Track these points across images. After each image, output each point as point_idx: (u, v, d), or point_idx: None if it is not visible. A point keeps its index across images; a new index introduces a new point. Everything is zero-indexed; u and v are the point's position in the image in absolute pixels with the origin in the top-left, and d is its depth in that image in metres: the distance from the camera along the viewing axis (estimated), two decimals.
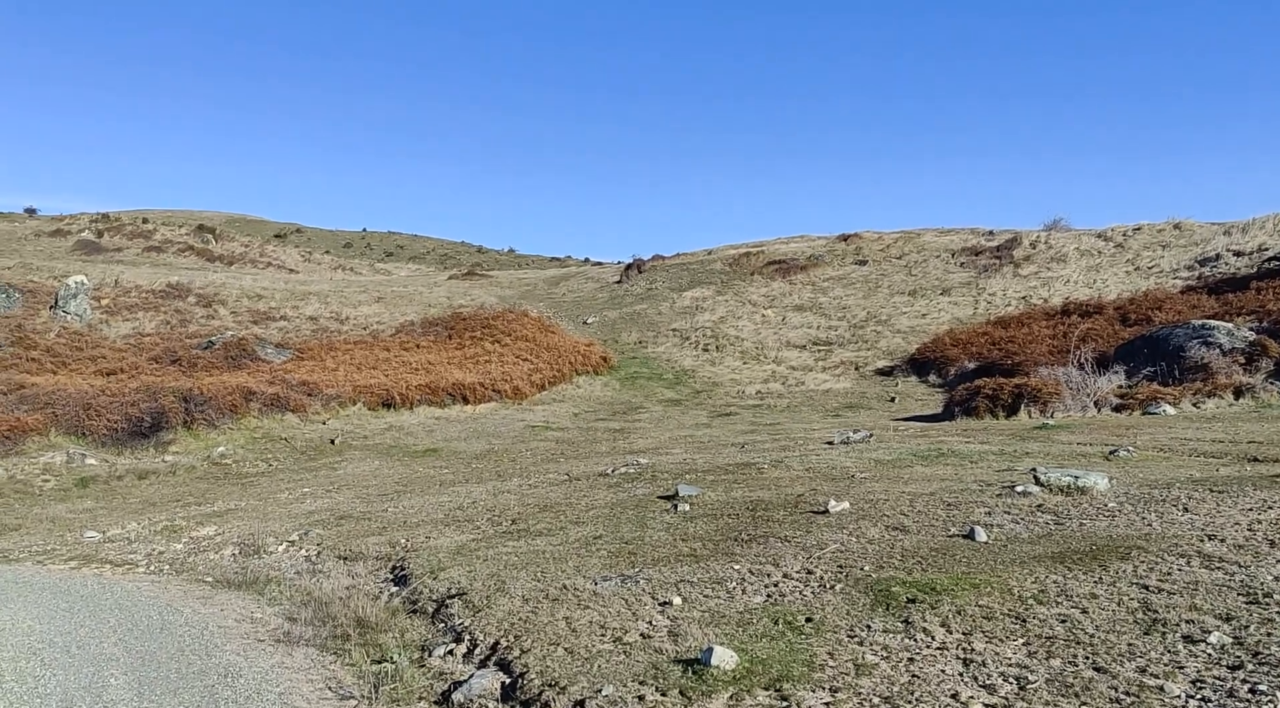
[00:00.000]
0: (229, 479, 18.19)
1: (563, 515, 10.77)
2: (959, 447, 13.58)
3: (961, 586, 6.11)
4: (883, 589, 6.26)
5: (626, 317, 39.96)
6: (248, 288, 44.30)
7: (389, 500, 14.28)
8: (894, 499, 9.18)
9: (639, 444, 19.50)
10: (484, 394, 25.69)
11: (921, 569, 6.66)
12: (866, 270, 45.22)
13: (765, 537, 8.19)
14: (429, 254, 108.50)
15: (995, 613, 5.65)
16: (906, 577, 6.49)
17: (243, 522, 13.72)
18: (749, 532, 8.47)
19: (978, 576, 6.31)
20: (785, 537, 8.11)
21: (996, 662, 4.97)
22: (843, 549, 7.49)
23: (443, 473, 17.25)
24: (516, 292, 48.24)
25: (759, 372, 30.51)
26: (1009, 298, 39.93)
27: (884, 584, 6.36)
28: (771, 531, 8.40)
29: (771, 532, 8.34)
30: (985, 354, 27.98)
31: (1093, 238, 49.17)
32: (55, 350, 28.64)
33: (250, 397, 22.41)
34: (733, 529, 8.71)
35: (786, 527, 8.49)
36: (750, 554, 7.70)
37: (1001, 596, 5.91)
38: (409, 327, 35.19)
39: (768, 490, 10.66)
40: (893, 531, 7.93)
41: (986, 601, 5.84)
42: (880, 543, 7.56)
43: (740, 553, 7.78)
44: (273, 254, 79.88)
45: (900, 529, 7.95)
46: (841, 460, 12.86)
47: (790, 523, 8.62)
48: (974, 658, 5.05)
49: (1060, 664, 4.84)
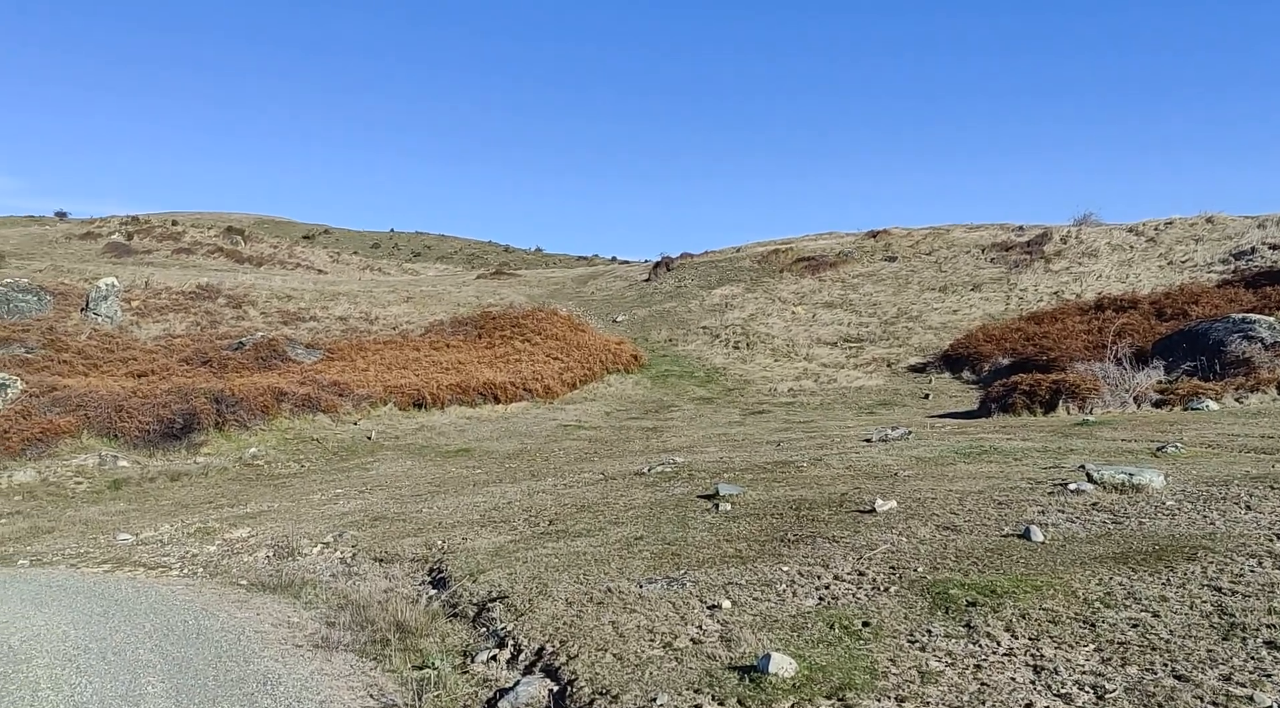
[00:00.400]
0: (261, 480, 18.16)
1: (601, 516, 10.60)
2: (1001, 444, 13.29)
3: (1023, 588, 5.88)
4: (940, 592, 6.04)
5: (656, 315, 39.75)
6: (277, 289, 44.47)
7: (423, 501, 14.18)
8: (942, 498, 8.94)
9: (673, 443, 19.31)
10: (515, 393, 25.58)
11: (979, 571, 6.43)
12: (896, 267, 44.78)
13: (812, 537, 7.98)
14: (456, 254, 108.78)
15: (1061, 617, 5.42)
16: (964, 579, 6.26)
17: (276, 524, 13.66)
18: (795, 532, 8.26)
19: (1038, 577, 6.08)
20: (833, 537, 7.89)
21: (1069, 669, 4.74)
22: (894, 550, 7.26)
23: (476, 473, 17.14)
24: (545, 290, 48.16)
25: (790, 369, 30.23)
26: (1041, 293, 39.42)
27: (941, 586, 6.14)
28: (818, 530, 8.19)
29: (818, 532, 8.13)
30: (1019, 350, 27.57)
31: (1124, 232, 48.53)
32: (87, 352, 28.81)
33: (281, 397, 22.40)
34: (778, 529, 8.50)
35: (833, 527, 8.27)
36: (798, 555, 7.49)
37: (1066, 598, 5.68)
38: (438, 326, 35.16)
39: (810, 489, 10.44)
40: (944, 530, 7.69)
41: (1051, 604, 5.60)
42: (932, 543, 7.33)
43: (788, 554, 7.57)
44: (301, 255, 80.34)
45: (952, 529, 7.71)
46: (882, 458, 12.62)
47: (837, 523, 8.40)
48: (1045, 665, 4.82)
49: (1137, 673, 4.61)
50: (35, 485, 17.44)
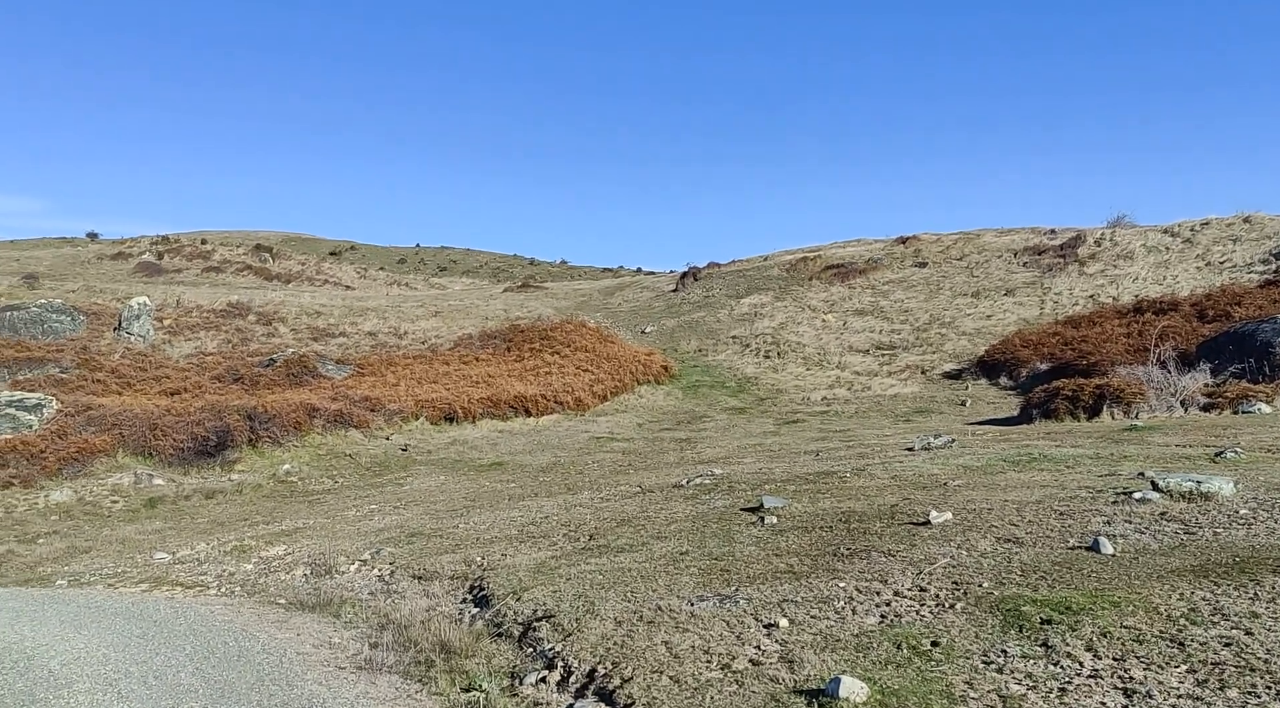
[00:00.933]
0: (295, 497, 18.07)
1: (643, 530, 10.37)
2: (1050, 451, 12.94)
3: (1100, 604, 5.59)
4: (1011, 609, 5.75)
5: (685, 325, 39.52)
6: (306, 305, 44.64)
7: (458, 516, 14.00)
8: (999, 509, 8.63)
9: (708, 454, 19.06)
10: (546, 406, 25.42)
11: (1049, 586, 6.14)
12: (927, 272, 44.33)
13: (866, 551, 7.71)
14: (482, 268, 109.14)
15: (1146, 635, 5.13)
16: (1034, 594, 5.97)
17: (312, 541, 13.52)
18: (847, 546, 7.99)
19: (1115, 592, 5.78)
20: (888, 551, 7.62)
21: (1163, 693, 4.46)
22: (955, 564, 6.98)
23: (510, 487, 16.96)
24: (572, 302, 48.06)
25: (823, 378, 29.90)
26: (1076, 297, 38.86)
27: (1011, 603, 5.86)
28: (872, 544, 7.91)
29: (872, 545, 7.86)
30: (1058, 355, 27.11)
31: (1159, 234, 47.86)
32: (120, 371, 28.95)
33: (314, 413, 22.36)
34: (829, 543, 8.24)
35: (887, 540, 8.00)
36: (854, 570, 7.22)
37: (1148, 615, 5.38)
38: (467, 340, 35.11)
39: (857, 501, 10.16)
40: (1005, 543, 7.40)
41: (1133, 621, 5.31)
42: (995, 556, 7.04)
43: (843, 569, 7.31)
44: (329, 271, 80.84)
45: (1013, 541, 7.42)
46: (928, 467, 12.30)
47: (891, 536, 8.12)
48: (1136, 688, 4.54)
49: (1239, 696, 4.32)
50: (72, 505, 17.44)
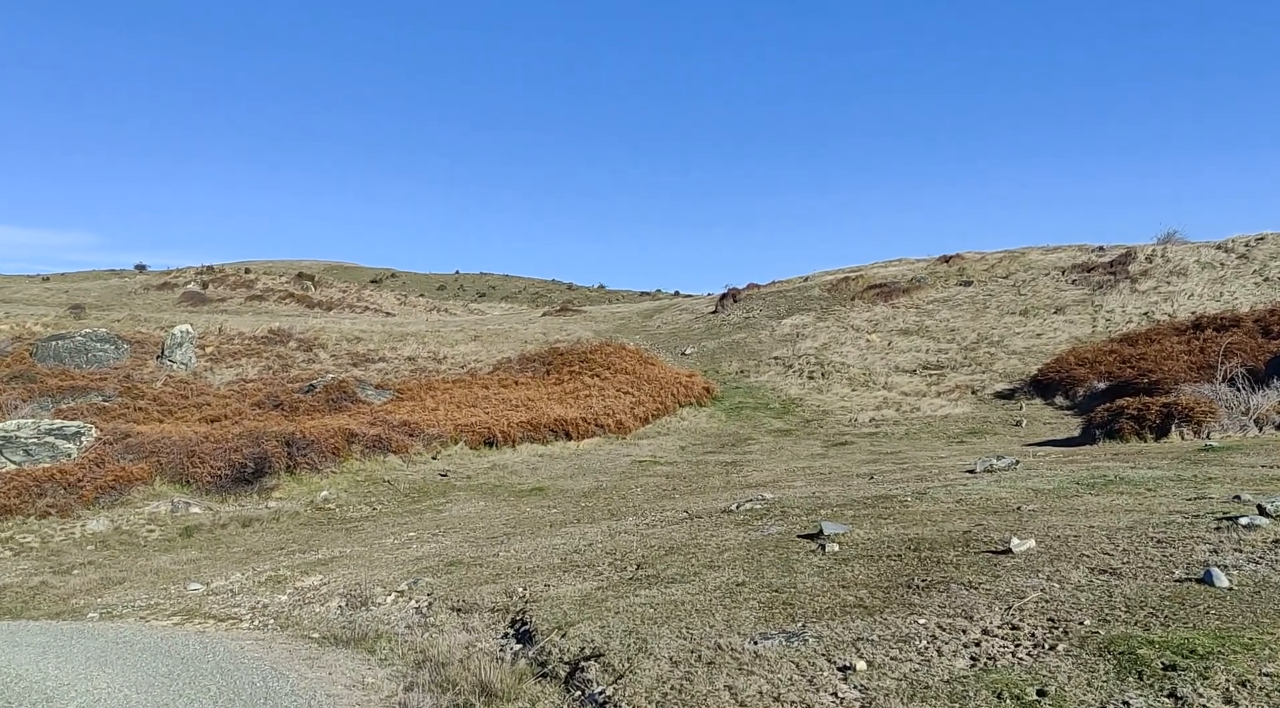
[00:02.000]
0: (333, 525, 17.64)
1: (693, 559, 9.75)
2: (1125, 473, 12.17)
3: (1229, 647, 4.91)
4: (1124, 652, 5.08)
5: (725, 346, 38.87)
6: (346, 331, 44.58)
7: (499, 544, 13.46)
8: (1085, 536, 7.92)
9: (754, 477, 18.39)
10: (587, 429, 24.87)
11: (1162, 625, 5.46)
12: (972, 291, 43.37)
13: (944, 583, 7.04)
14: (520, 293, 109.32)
15: None
16: (1147, 634, 5.29)
17: (348, 570, 13.05)
18: (922, 577, 7.33)
19: (1244, 633, 5.09)
20: (969, 583, 6.95)
21: None
22: (1047, 598, 6.30)
23: (551, 513, 16.40)
24: (610, 325, 47.61)
25: (869, 398, 29.09)
26: (1129, 314, 37.77)
27: (1122, 644, 5.18)
28: (949, 575, 7.25)
29: (950, 576, 7.19)
30: (1116, 373, 26.14)
31: (1212, 250, 46.66)
32: (161, 399, 28.86)
33: (352, 439, 21.99)
34: (900, 573, 7.58)
35: (965, 570, 7.32)
36: (933, 605, 6.57)
37: None
38: (506, 363, 34.72)
39: (923, 527, 9.48)
40: (1101, 574, 6.71)
41: (1274, 668, 4.63)
42: (1092, 590, 6.35)
43: (920, 603, 6.65)
44: (369, 298, 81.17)
45: (1110, 572, 6.72)
46: (994, 491, 11.58)
47: (969, 566, 7.45)
48: None
49: None
50: (108, 534, 17.13)
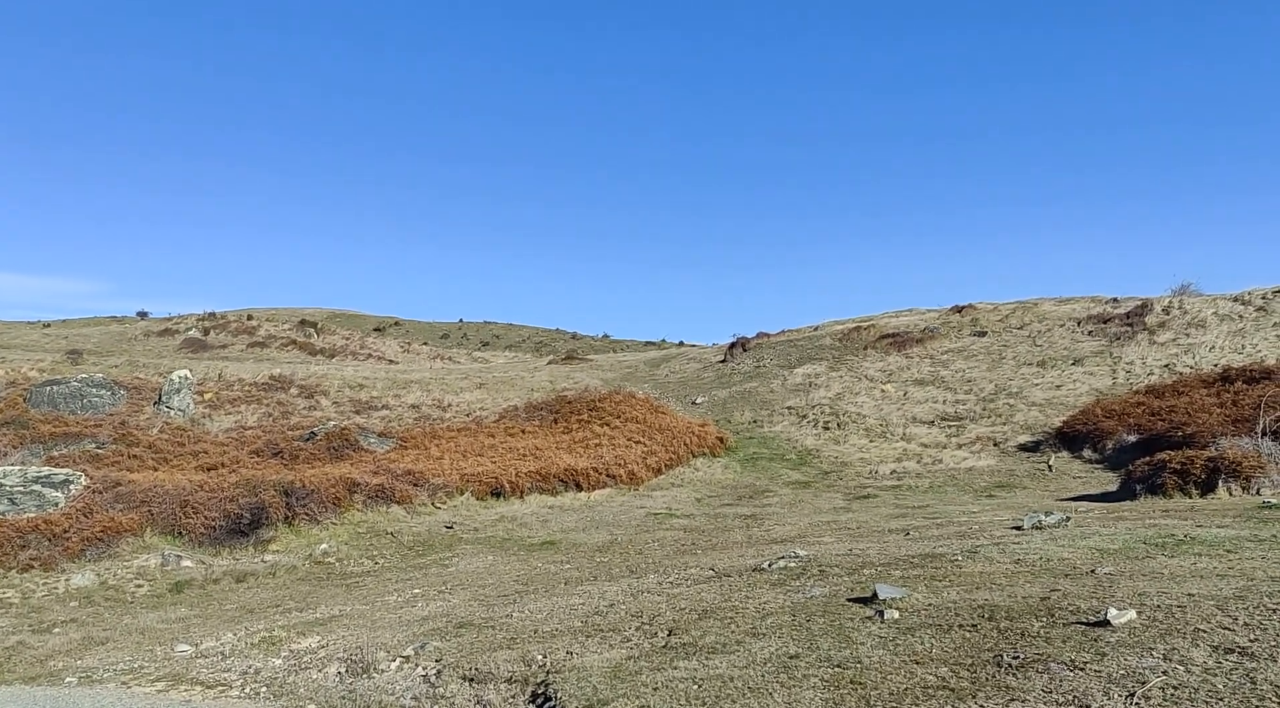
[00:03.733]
0: (332, 580, 16.64)
1: (732, 625, 8.80)
2: (1191, 532, 11.24)
3: None
4: None
5: (737, 396, 37.98)
6: (349, 378, 43.77)
7: (511, 603, 12.49)
8: (1189, 606, 7.00)
9: (778, 532, 17.42)
10: (598, 480, 23.92)
11: None
12: (987, 342, 42.61)
13: (1041, 661, 6.11)
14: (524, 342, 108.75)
15: None
16: None
17: (349, 631, 12.07)
18: (1012, 653, 6.39)
19: None
20: (1071, 662, 6.01)
21: None
22: (1174, 683, 5.38)
23: (565, 569, 15.42)
24: (618, 374, 46.77)
25: (889, 450, 28.14)
26: (1150, 366, 36.98)
27: None
28: (1044, 651, 6.31)
29: (1046, 653, 6.26)
30: (1146, 426, 25.21)
31: (1229, 302, 46.15)
32: (157, 446, 27.94)
33: (354, 488, 21.04)
34: (981, 648, 6.64)
35: (1062, 646, 6.39)
36: (1034, 688, 5.63)
37: None
38: (512, 412, 33.82)
39: (991, 591, 8.54)
40: (1228, 654, 5.78)
41: None
42: (1225, 674, 5.43)
43: (1018, 686, 5.72)
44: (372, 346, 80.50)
45: (1240, 652, 5.80)
46: (1054, 550, 10.64)
47: (1063, 641, 6.51)
48: None
49: None
50: (93, 589, 16.13)
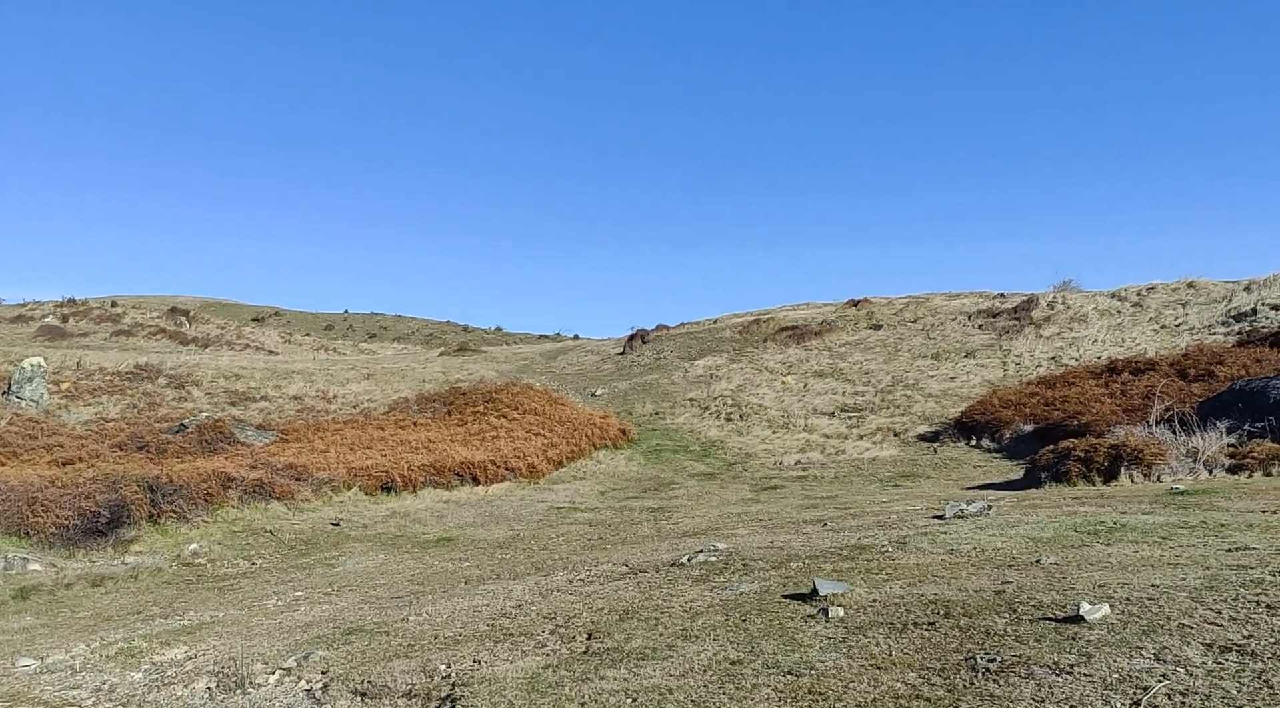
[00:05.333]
0: (203, 583, 15.20)
1: (659, 626, 7.97)
2: (1120, 519, 10.93)
3: None
4: None
5: (638, 387, 37.28)
6: (224, 368, 41.43)
7: (407, 605, 11.40)
8: (1161, 598, 6.47)
9: (687, 525, 16.71)
10: (496, 473, 22.81)
11: None
12: (883, 335, 43.00)
13: (1021, 664, 5.45)
14: (414, 334, 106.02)
15: None
16: None
17: (221, 640, 10.79)
18: (983, 655, 5.72)
19: None
20: (1055, 664, 5.37)
21: None
22: (1181, 689, 4.76)
23: (464, 567, 14.37)
24: (514, 366, 45.55)
25: (792, 441, 27.82)
26: (1038, 358, 37.87)
27: None
28: (1021, 653, 5.66)
29: (1023, 655, 5.60)
30: (1042, 415, 25.48)
31: (1107, 298, 47.89)
32: (5, 439, 25.60)
33: (229, 483, 19.47)
34: (946, 649, 5.96)
35: (1038, 646, 5.75)
36: (1023, 697, 4.95)
37: None
38: (403, 403, 32.35)
39: (935, 585, 7.93)
40: (1226, 653, 5.22)
41: None
42: (1235, 678, 4.85)
43: (1003, 694, 5.03)
44: (250, 336, 77.12)
45: (1238, 650, 5.24)
46: (986, 540, 10.15)
47: (1038, 639, 5.88)
48: None
49: None
50: None
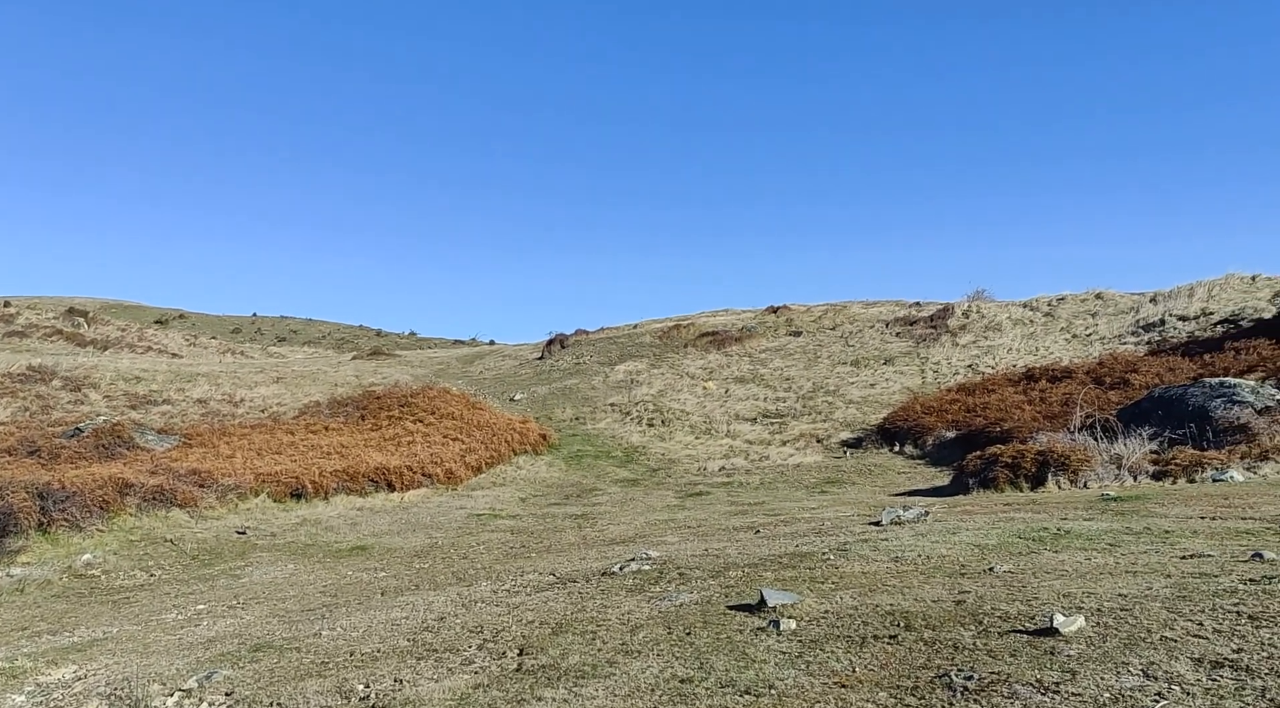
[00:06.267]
0: (96, 596, 14.13)
1: (597, 640, 7.44)
2: (1061, 526, 10.77)
3: None
4: None
5: (558, 392, 36.63)
6: (124, 370, 39.52)
7: (319, 619, 10.65)
8: (1135, 609, 6.17)
9: (613, 532, 16.20)
10: (412, 479, 21.96)
11: None
12: (803, 341, 43.13)
13: (1002, 682, 5.06)
14: (325, 338, 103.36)
15: None
16: None
17: (114, 658, 9.91)
18: (957, 673, 5.33)
19: None
20: (1037, 683, 4.99)
21: None
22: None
23: (380, 577, 13.62)
24: (429, 370, 44.45)
25: (715, 447, 27.52)
26: (955, 366, 38.38)
27: None
28: (997, 669, 5.28)
29: (1001, 672, 5.22)
30: (964, 422, 25.65)
31: (1019, 308, 48.91)
32: None
33: (127, 490, 18.29)
34: (912, 665, 5.56)
35: (1011, 661, 5.38)
36: None
37: None
38: (314, 407, 31.15)
39: (890, 595, 7.56)
40: (1219, 669, 4.91)
41: None
42: (1237, 696, 4.53)
43: None
44: (153, 338, 74.16)
45: (1230, 666, 4.93)
46: (931, 547, 9.87)
47: (1010, 654, 5.51)
48: None
49: None
50: None
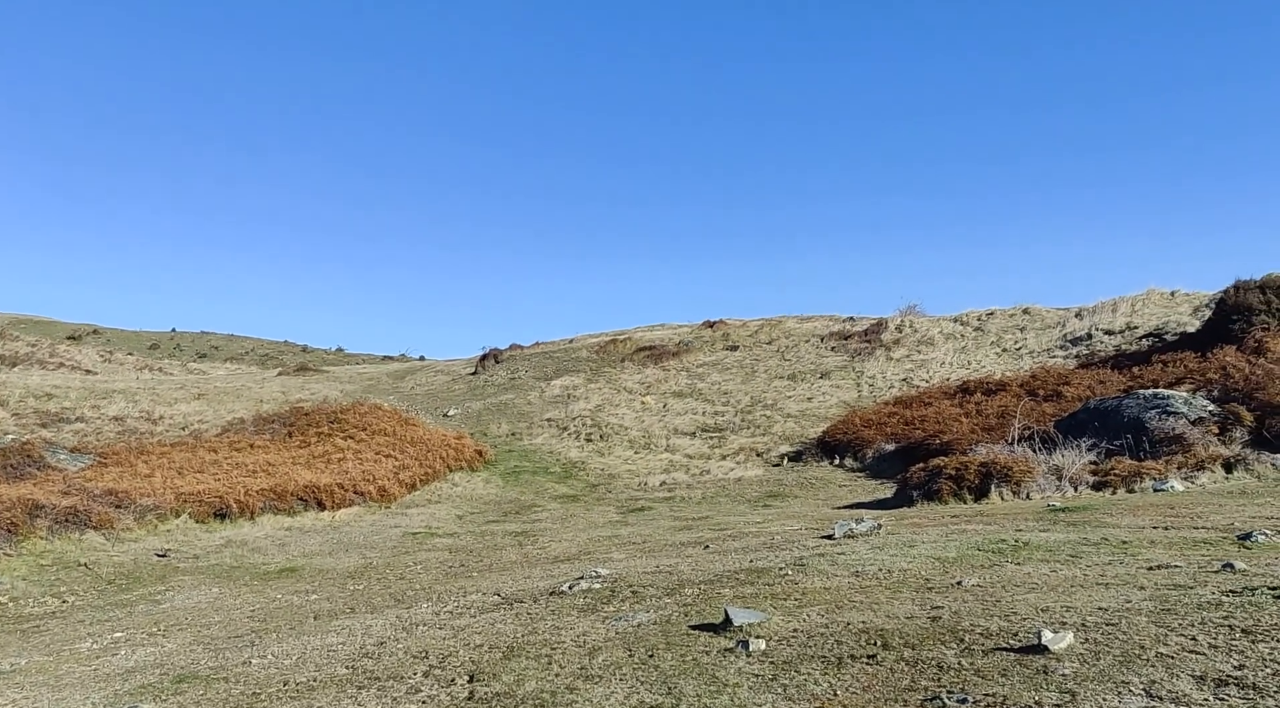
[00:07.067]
0: (3, 625, 13.20)
1: (553, 665, 7.00)
2: (1018, 537, 10.63)
3: None
4: None
5: (493, 408, 35.94)
6: (34, 387, 37.82)
7: (248, 646, 10.00)
8: (1122, 623, 5.94)
9: (555, 549, 15.73)
10: (344, 497, 21.18)
11: None
12: (739, 356, 43.11)
13: (994, 706, 4.76)
14: (248, 354, 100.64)
15: None
16: None
17: (22, 693, 9.17)
18: (949, 695, 5.02)
19: None
20: (1033, 706, 4.71)
21: None
22: None
23: (312, 600, 12.95)
24: (359, 386, 43.38)
25: (655, 462, 27.18)
26: (890, 380, 38.66)
27: None
28: (991, 691, 4.98)
29: (997, 695, 4.93)
30: (903, 434, 25.69)
31: (951, 323, 49.54)
32: None
33: (37, 512, 17.27)
34: (898, 687, 5.24)
35: (1003, 682, 5.10)
36: None
37: None
38: (238, 424, 30.06)
39: (860, 611, 7.26)
40: (1221, 687, 4.67)
41: None
42: None
43: None
44: (66, 354, 71.49)
45: (1235, 684, 4.70)
46: (891, 561, 9.63)
47: (1001, 674, 5.23)
48: None
49: None
50: None
